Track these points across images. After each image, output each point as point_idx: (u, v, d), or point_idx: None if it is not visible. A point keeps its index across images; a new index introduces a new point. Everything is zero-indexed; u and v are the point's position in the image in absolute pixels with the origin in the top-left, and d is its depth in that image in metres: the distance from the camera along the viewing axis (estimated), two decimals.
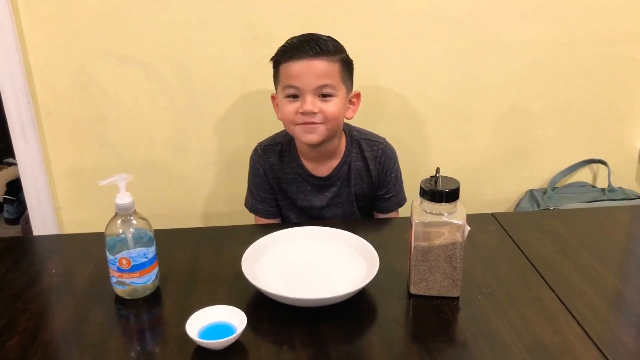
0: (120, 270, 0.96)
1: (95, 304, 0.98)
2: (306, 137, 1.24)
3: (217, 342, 0.84)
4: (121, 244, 0.96)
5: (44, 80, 1.56)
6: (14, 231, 2.67)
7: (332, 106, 1.22)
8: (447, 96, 1.68)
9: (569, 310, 0.94)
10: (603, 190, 1.73)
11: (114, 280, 0.98)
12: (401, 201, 1.39)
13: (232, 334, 0.85)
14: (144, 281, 0.98)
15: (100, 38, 1.53)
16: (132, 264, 0.96)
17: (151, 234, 0.99)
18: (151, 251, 0.98)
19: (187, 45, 1.56)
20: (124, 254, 0.96)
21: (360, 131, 1.37)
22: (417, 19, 1.59)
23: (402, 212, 1.40)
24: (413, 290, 0.98)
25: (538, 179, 1.82)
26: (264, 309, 0.94)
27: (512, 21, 1.62)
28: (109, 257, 0.96)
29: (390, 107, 1.68)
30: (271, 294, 0.94)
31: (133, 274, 0.97)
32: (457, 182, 0.94)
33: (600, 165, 1.80)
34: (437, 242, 0.94)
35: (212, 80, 1.60)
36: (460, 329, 0.91)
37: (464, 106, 1.70)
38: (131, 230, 0.96)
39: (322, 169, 1.33)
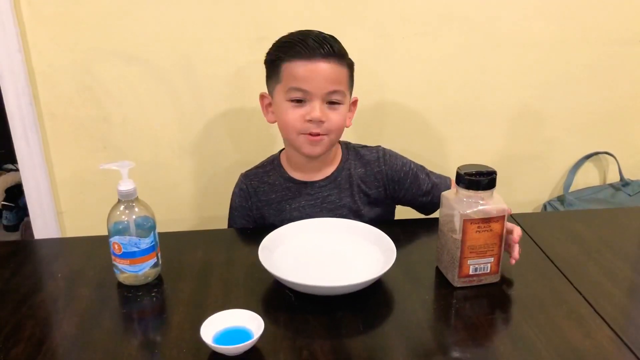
0: (113, 253, 0.97)
1: (104, 308, 0.94)
2: (309, 149, 1.16)
3: (234, 348, 0.80)
4: (122, 229, 0.95)
5: (47, 81, 1.52)
6: (13, 238, 2.63)
7: (338, 116, 1.14)
8: (458, 96, 1.65)
9: (598, 313, 0.90)
10: (616, 186, 1.71)
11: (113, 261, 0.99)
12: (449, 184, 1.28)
13: (248, 338, 0.81)
14: (135, 270, 0.97)
15: (104, 38, 1.50)
16: (122, 250, 0.95)
17: (153, 221, 0.97)
18: (145, 242, 0.96)
19: (194, 45, 1.52)
20: (116, 238, 0.95)
21: (354, 143, 1.30)
22: (427, 19, 1.56)
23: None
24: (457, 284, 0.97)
25: (551, 180, 1.79)
26: (280, 312, 0.91)
27: (524, 20, 1.59)
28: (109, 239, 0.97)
29: (400, 108, 1.65)
30: (289, 281, 0.92)
31: (124, 261, 0.96)
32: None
33: (608, 163, 1.77)
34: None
35: (219, 81, 1.57)
36: (484, 329, 0.87)
37: (475, 106, 1.67)
38: (133, 217, 0.95)
39: (315, 177, 1.24)
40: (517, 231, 1.00)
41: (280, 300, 0.94)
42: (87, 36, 1.49)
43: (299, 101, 1.13)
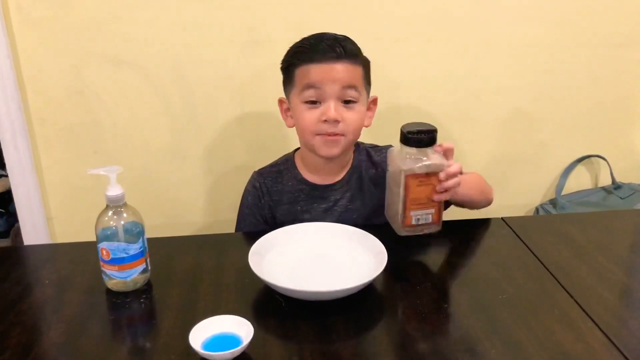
0: (102, 259, 0.96)
1: (92, 315, 0.93)
2: (326, 150, 1.15)
3: (223, 354, 0.79)
4: (111, 235, 0.94)
5: (36, 85, 1.52)
6: (3, 244, 2.60)
7: (354, 114, 1.14)
8: (449, 99, 1.65)
9: (590, 317, 0.90)
10: (608, 189, 1.72)
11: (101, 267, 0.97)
12: None
13: (237, 345, 0.80)
14: (124, 276, 0.96)
15: (95, 42, 1.49)
16: (111, 256, 0.94)
17: (142, 226, 0.96)
18: (134, 248, 0.95)
19: (185, 49, 1.52)
20: (104, 244, 0.94)
21: (366, 144, 1.30)
22: (420, 21, 1.56)
23: None
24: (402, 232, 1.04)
25: (543, 183, 1.79)
26: (270, 317, 0.90)
27: (516, 23, 1.60)
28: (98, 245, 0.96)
29: (392, 111, 1.64)
30: (279, 287, 0.91)
31: (112, 267, 0.95)
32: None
33: (600, 166, 1.78)
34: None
35: (211, 85, 1.56)
36: (476, 334, 0.87)
37: (468, 109, 1.67)
38: (121, 222, 0.94)
39: (329, 180, 1.24)
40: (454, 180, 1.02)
41: (271, 306, 0.93)
42: (77, 41, 1.49)
43: (314, 102, 1.13)
